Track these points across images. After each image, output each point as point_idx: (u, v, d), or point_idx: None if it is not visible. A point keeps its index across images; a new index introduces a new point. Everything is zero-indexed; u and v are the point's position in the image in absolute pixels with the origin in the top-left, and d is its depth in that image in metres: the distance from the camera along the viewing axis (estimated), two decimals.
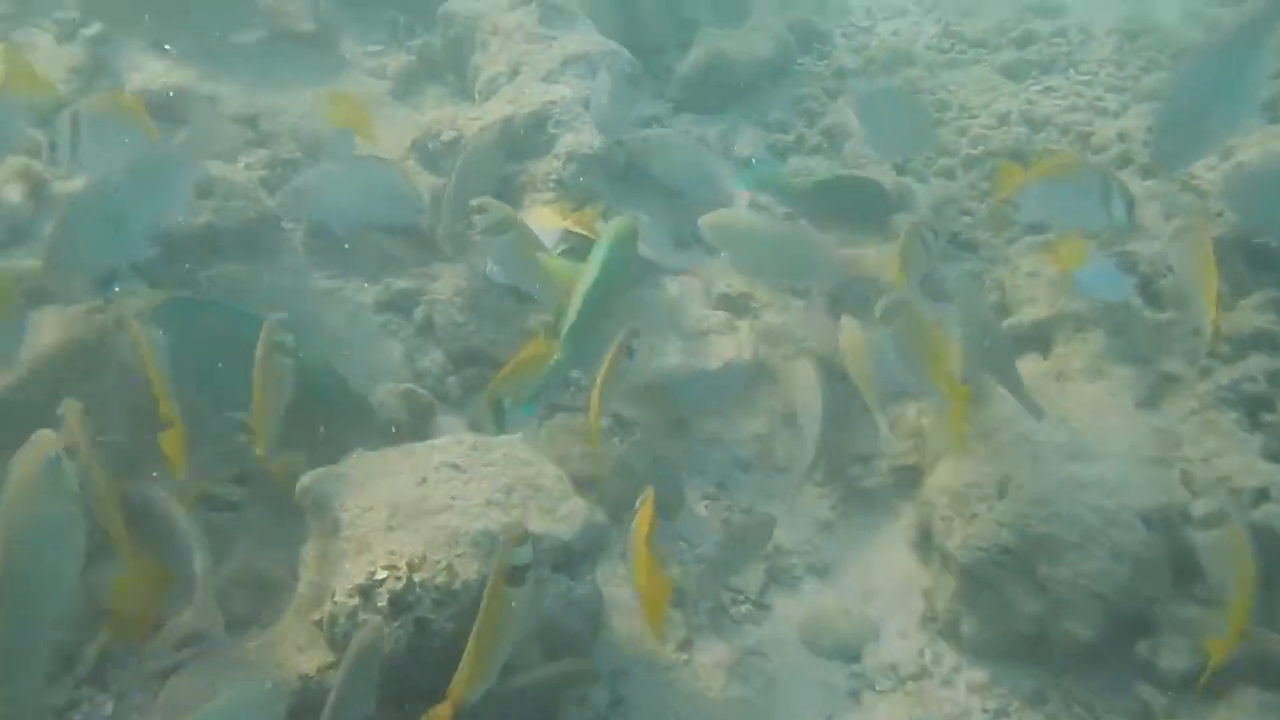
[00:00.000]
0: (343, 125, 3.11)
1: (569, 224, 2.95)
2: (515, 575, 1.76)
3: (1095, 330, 2.59)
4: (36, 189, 2.72)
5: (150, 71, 3.48)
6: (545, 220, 2.95)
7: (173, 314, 2.28)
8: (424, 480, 2.16)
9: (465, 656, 1.76)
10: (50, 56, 3.36)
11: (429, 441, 2.34)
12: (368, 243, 3.24)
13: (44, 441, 1.77)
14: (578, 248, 2.85)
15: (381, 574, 1.92)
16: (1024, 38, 4.38)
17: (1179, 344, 2.51)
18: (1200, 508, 2.05)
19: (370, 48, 4.03)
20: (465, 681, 1.75)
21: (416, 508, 2.08)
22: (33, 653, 1.75)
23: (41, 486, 1.73)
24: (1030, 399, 2.34)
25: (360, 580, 1.92)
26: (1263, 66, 2.28)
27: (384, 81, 3.92)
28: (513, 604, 1.76)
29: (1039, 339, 2.72)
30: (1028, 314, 2.75)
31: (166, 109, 3.21)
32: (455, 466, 2.22)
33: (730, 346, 3.20)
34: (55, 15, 3.51)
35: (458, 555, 1.98)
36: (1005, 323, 2.75)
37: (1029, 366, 2.59)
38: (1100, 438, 2.34)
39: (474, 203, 2.66)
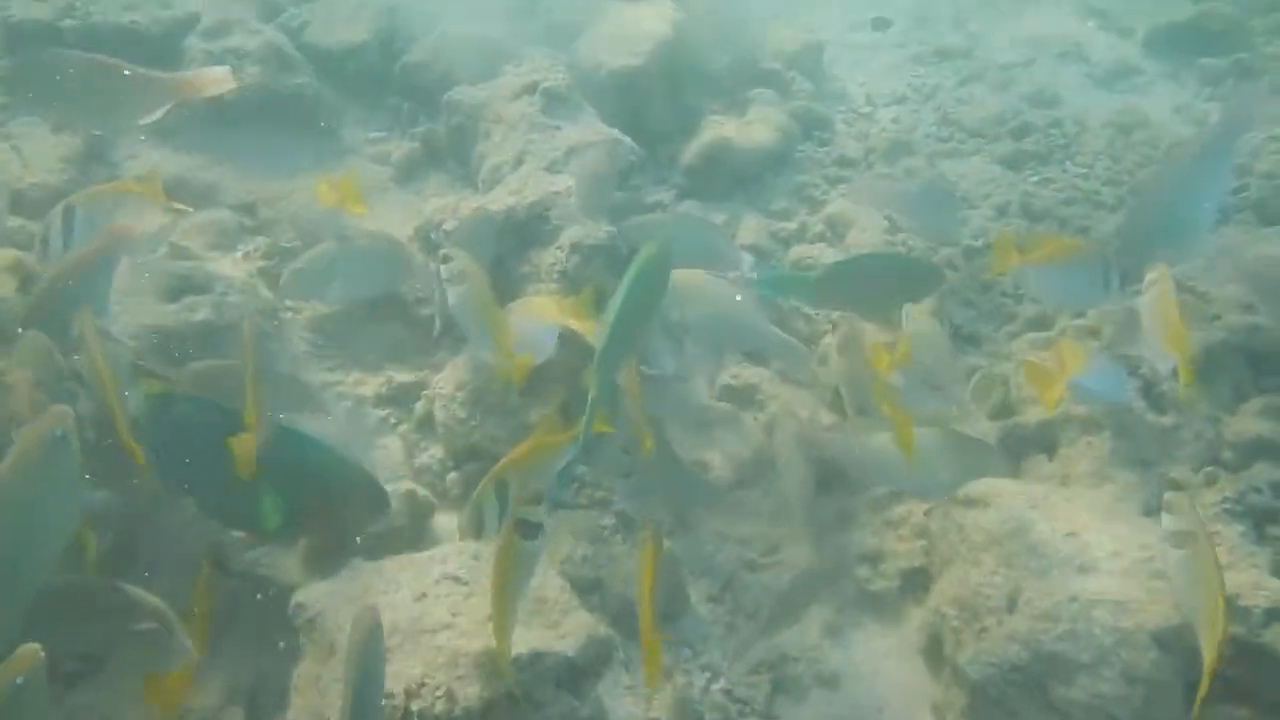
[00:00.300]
0: (335, 207, 3.19)
1: (564, 317, 2.95)
2: (528, 530, 1.96)
3: (1101, 433, 2.63)
4: (25, 283, 2.75)
5: (148, 161, 3.56)
6: (540, 312, 2.96)
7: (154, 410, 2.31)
8: (423, 595, 2.16)
9: (493, 613, 1.97)
10: (45, 146, 3.43)
11: (429, 552, 2.35)
12: (368, 334, 3.29)
13: (58, 414, 1.89)
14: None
15: None
16: (1021, 129, 4.53)
17: (1184, 449, 2.55)
18: (1170, 524, 2.11)
19: (373, 134, 4.14)
20: (499, 631, 1.97)
21: (415, 626, 2.07)
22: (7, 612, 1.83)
23: (44, 454, 1.83)
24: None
25: None
26: (1225, 179, 2.53)
27: (386, 168, 4.02)
28: (524, 556, 1.98)
29: (1044, 440, 2.76)
30: (1032, 414, 2.79)
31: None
32: (456, 579, 2.23)
33: (735, 442, 3.24)
34: None
35: (458, 678, 1.97)
36: (1009, 422, 2.79)
37: (1034, 469, 2.63)
38: (1110, 549, 2.36)
39: (441, 252, 2.75)
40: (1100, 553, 2.38)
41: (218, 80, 2.91)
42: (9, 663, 1.68)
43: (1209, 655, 2.03)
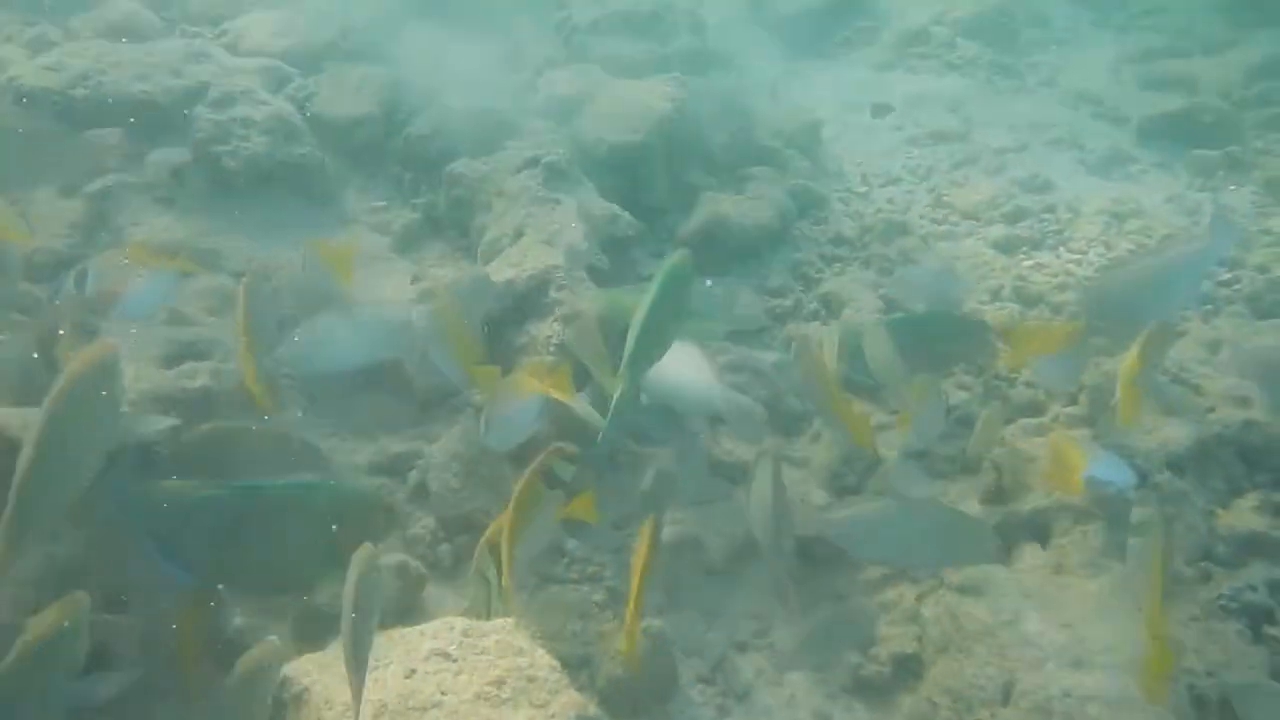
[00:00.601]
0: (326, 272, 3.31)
1: (547, 389, 2.99)
2: (554, 480, 2.14)
3: (1095, 523, 2.71)
4: (44, 348, 2.83)
5: (153, 226, 3.68)
6: (522, 387, 2.99)
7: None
8: (413, 672, 2.20)
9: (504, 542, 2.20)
10: (51, 211, 3.56)
11: (419, 626, 2.38)
12: (363, 402, 3.38)
13: (109, 344, 2.24)
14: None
15: None
16: (1014, 213, 4.71)
17: (1178, 542, 2.62)
18: (1136, 515, 2.23)
19: (375, 204, 4.28)
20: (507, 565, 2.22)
21: (404, 704, 2.11)
22: (44, 515, 2.15)
23: (93, 376, 2.18)
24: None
25: None
26: (1198, 278, 2.83)
27: (387, 237, 4.15)
28: (545, 501, 2.19)
29: (1037, 528, 2.83)
30: (1024, 501, 2.87)
31: None
32: (446, 655, 2.26)
33: (727, 519, 3.30)
34: None
35: None
36: (1003, 510, 2.87)
37: (1027, 557, 2.69)
38: (1105, 644, 2.41)
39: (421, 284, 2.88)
40: (1095, 647, 2.43)
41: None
42: (57, 607, 2.02)
43: (1151, 629, 2.14)
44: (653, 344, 2.76)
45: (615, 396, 2.69)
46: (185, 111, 3.94)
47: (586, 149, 4.41)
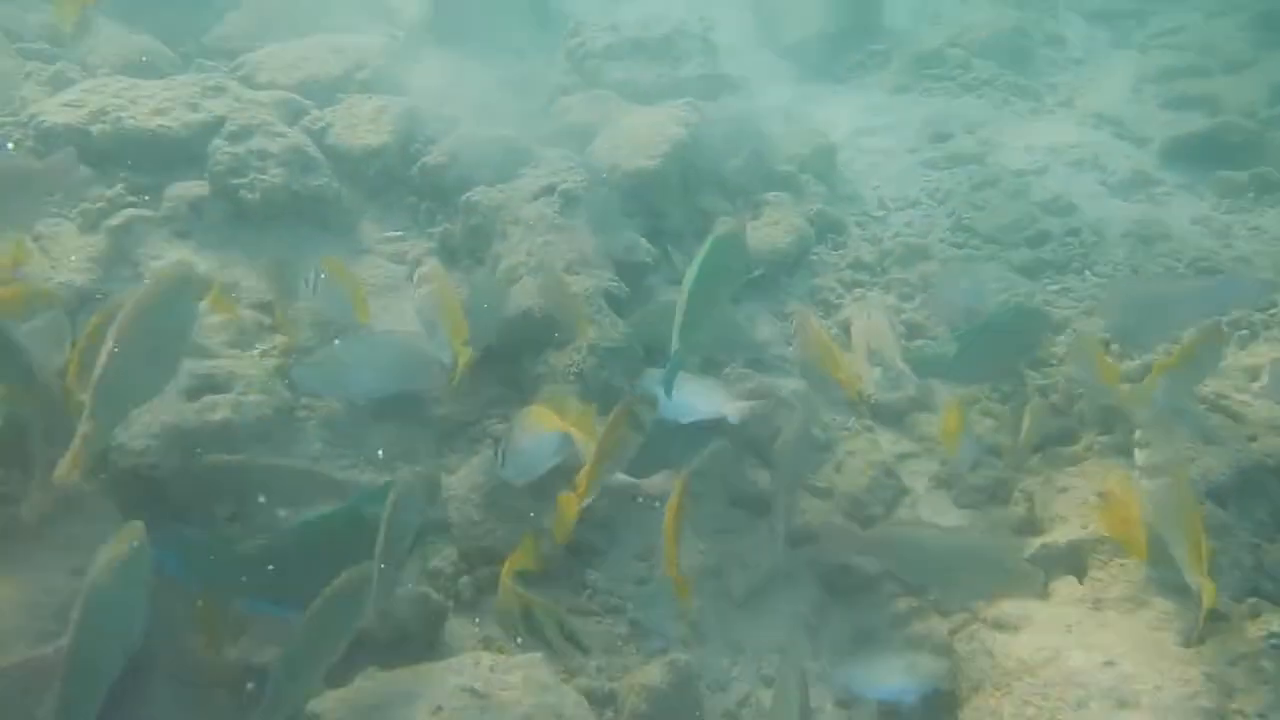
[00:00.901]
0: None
1: (569, 428, 3.01)
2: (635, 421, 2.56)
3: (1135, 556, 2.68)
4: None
5: (171, 260, 3.74)
6: (543, 421, 3.03)
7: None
8: (439, 709, 2.21)
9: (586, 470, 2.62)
10: (72, 246, 3.62)
11: (445, 662, 2.40)
12: (381, 432, 3.41)
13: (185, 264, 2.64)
14: None
15: None
16: (1038, 237, 4.73)
17: (1221, 577, 2.58)
18: (1144, 458, 2.30)
19: (390, 233, 4.34)
20: (586, 484, 2.62)
21: None
22: (124, 402, 2.47)
23: (171, 288, 2.52)
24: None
25: None
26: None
27: (403, 266, 4.21)
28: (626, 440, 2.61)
29: (1073, 561, 2.82)
30: (1060, 533, 2.85)
31: None
32: (473, 691, 2.28)
33: (751, 551, 3.31)
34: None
35: None
36: (1038, 541, 2.86)
37: (1062, 590, 2.67)
38: (1151, 682, 2.38)
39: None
40: (1141, 685, 2.39)
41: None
42: (119, 536, 2.23)
43: (1198, 573, 2.15)
44: (704, 306, 2.83)
45: (670, 358, 2.79)
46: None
47: (601, 176, 4.47)
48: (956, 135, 5.79)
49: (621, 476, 3.11)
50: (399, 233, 4.35)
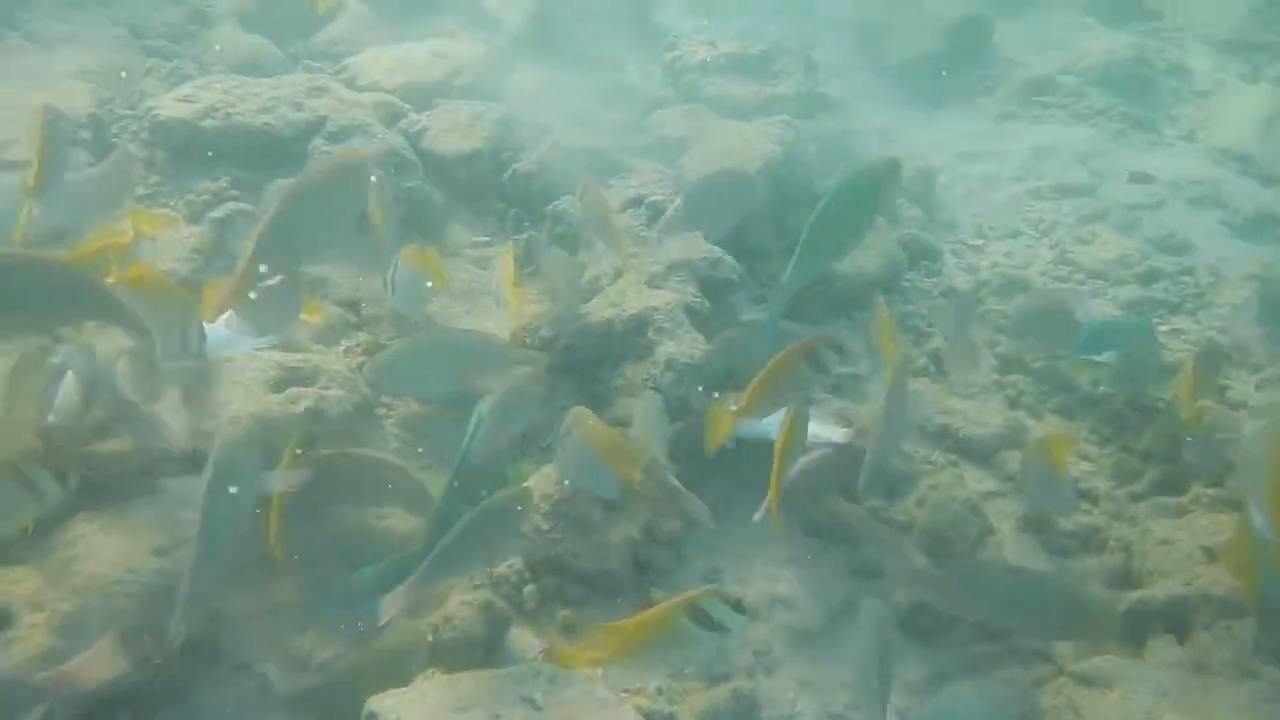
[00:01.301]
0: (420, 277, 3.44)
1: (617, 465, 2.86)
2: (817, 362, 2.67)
3: (1244, 619, 2.53)
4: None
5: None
6: (604, 447, 2.88)
7: None
8: (496, 717, 2.22)
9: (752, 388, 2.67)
10: (176, 236, 3.80)
11: (506, 670, 2.42)
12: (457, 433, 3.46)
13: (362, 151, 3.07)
14: None
15: None
16: (1148, 274, 4.55)
17: None
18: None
19: (478, 238, 4.43)
20: (748, 401, 2.68)
21: None
22: (280, 262, 2.63)
23: (349, 166, 2.73)
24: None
25: None
26: None
27: (487, 271, 4.28)
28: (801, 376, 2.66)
29: (1174, 618, 2.67)
30: (1160, 588, 2.72)
31: None
32: (531, 702, 2.28)
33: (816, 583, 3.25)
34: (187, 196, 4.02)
35: None
36: (1134, 595, 2.73)
37: (1159, 650, 2.54)
38: None
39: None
40: None
41: None
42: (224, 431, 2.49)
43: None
44: (829, 237, 2.81)
45: (780, 285, 2.81)
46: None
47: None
48: (1066, 165, 5.61)
49: (672, 480, 3.09)
50: (486, 238, 4.44)
